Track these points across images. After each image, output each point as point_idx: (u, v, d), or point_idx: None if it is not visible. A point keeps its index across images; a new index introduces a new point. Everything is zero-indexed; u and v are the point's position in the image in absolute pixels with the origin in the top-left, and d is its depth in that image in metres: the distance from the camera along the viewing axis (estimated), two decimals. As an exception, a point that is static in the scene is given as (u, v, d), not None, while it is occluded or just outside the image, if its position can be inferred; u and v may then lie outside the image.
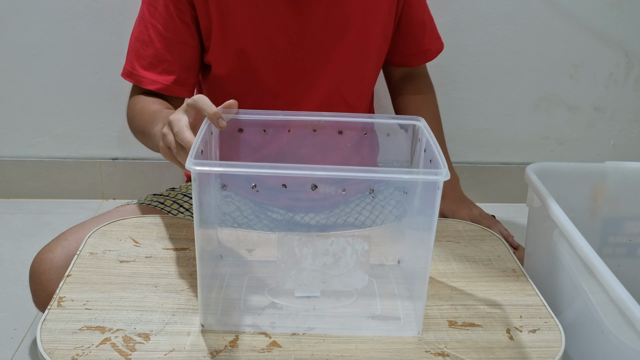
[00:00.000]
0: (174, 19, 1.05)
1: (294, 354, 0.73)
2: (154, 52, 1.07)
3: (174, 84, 1.07)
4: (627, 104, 1.75)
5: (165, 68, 1.07)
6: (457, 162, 1.77)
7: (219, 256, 0.90)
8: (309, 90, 1.11)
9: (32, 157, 1.71)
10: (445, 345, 0.75)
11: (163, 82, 1.07)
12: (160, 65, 1.07)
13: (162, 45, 1.06)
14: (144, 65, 1.07)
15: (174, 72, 1.07)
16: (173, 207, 1.09)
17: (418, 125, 0.83)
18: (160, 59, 1.07)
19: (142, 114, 1.02)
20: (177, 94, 1.09)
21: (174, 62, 1.07)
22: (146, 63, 1.07)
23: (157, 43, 1.06)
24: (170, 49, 1.07)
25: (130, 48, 1.10)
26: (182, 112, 0.78)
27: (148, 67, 1.07)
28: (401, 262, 0.90)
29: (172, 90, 1.08)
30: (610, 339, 0.77)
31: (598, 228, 1.08)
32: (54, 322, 0.76)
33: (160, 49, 1.06)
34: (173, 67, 1.07)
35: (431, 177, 0.68)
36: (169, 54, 1.07)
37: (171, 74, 1.07)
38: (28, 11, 1.55)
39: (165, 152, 0.80)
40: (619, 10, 1.63)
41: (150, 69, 1.07)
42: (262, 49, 1.08)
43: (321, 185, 0.76)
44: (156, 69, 1.07)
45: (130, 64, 1.09)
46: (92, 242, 0.93)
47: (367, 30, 1.11)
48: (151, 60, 1.07)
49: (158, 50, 1.06)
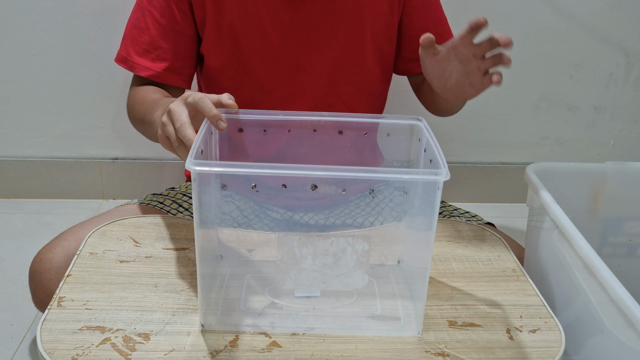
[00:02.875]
0: (171, 7, 1.05)
1: (294, 354, 0.73)
2: (149, 38, 1.07)
3: (165, 71, 1.07)
4: (627, 104, 1.75)
5: (159, 55, 1.07)
6: (457, 162, 1.77)
7: (219, 256, 0.90)
8: (302, 88, 1.11)
9: (32, 157, 1.71)
10: (445, 345, 0.75)
11: (155, 69, 1.07)
12: (154, 52, 1.07)
13: (157, 33, 1.06)
14: (138, 52, 1.07)
15: (166, 60, 1.07)
16: (173, 206, 1.08)
17: (418, 125, 0.83)
18: (155, 45, 1.07)
19: (142, 102, 1.02)
20: (170, 82, 1.08)
21: (168, 49, 1.07)
22: (141, 49, 1.07)
23: (153, 30, 1.06)
24: (165, 37, 1.06)
25: (126, 34, 1.09)
26: (182, 104, 0.77)
27: (142, 53, 1.07)
28: (401, 262, 0.90)
29: (164, 78, 1.07)
30: (610, 339, 0.77)
31: (598, 228, 1.08)
32: (54, 322, 0.76)
33: (156, 36, 1.06)
34: (166, 55, 1.07)
35: (431, 177, 0.68)
36: (164, 42, 1.06)
37: (164, 61, 1.07)
38: (28, 11, 1.55)
39: (163, 141, 0.80)
40: (619, 10, 1.63)
41: (144, 55, 1.07)
42: (255, 43, 1.08)
43: (321, 185, 0.76)
44: (149, 56, 1.07)
45: (125, 50, 1.09)
46: (92, 242, 0.93)
47: (363, 28, 1.10)
48: (146, 47, 1.07)
49: (153, 37, 1.06)
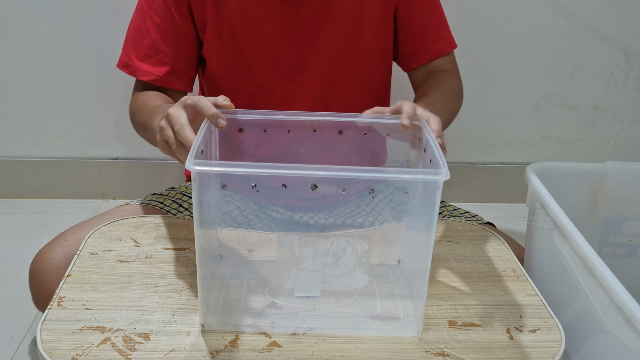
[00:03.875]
0: (171, 11, 1.05)
1: (294, 354, 0.73)
2: (150, 43, 1.07)
3: (167, 75, 1.07)
4: (627, 104, 1.75)
5: (160, 59, 1.07)
6: (457, 162, 1.77)
7: (219, 256, 0.90)
8: (303, 88, 1.11)
9: (32, 157, 1.71)
10: (445, 345, 0.75)
11: (156, 73, 1.07)
12: (156, 56, 1.07)
13: (158, 37, 1.06)
14: (139, 57, 1.07)
15: (167, 63, 1.07)
16: (173, 206, 1.08)
17: (418, 125, 0.83)
18: (156, 49, 1.07)
19: (143, 108, 1.02)
20: (173, 85, 1.08)
21: (169, 53, 1.07)
22: (142, 54, 1.07)
23: (154, 34, 1.06)
24: (166, 40, 1.06)
25: (128, 39, 1.09)
26: (181, 108, 0.77)
27: (144, 58, 1.07)
28: (401, 262, 0.90)
29: (166, 82, 1.08)
30: (610, 339, 0.77)
31: (598, 228, 1.08)
32: (54, 322, 0.75)
33: (157, 40, 1.06)
34: (167, 58, 1.07)
35: (431, 177, 0.68)
36: (164, 45, 1.06)
37: (165, 65, 1.07)
38: (28, 11, 1.55)
39: (162, 146, 0.80)
40: (619, 10, 1.63)
41: (145, 60, 1.07)
42: (255, 44, 1.08)
43: (321, 185, 0.76)
44: (150, 60, 1.07)
45: (126, 55, 1.09)
46: (92, 242, 0.93)
47: (362, 26, 1.10)
48: (147, 51, 1.07)
49: (154, 41, 1.06)
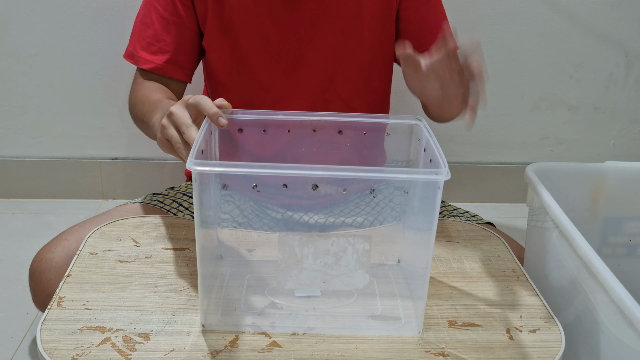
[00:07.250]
0: (175, 2, 1.07)
1: (294, 354, 0.73)
2: (152, 32, 1.08)
3: (167, 64, 1.09)
4: (627, 104, 1.75)
5: (161, 48, 1.09)
6: (457, 162, 1.77)
7: (219, 256, 0.90)
8: (301, 85, 1.11)
9: (32, 157, 1.71)
10: (446, 345, 0.75)
11: (156, 61, 1.08)
12: (157, 44, 1.09)
13: (160, 26, 1.08)
14: (143, 46, 1.09)
15: (168, 52, 1.09)
16: (173, 205, 1.09)
17: (418, 125, 0.83)
18: (158, 38, 1.08)
19: (143, 101, 1.03)
20: (171, 74, 1.10)
21: (170, 42, 1.08)
22: (145, 43, 1.09)
23: (157, 24, 1.08)
24: (168, 30, 1.08)
25: (134, 30, 1.12)
26: (183, 107, 0.78)
27: (146, 46, 1.09)
28: (401, 262, 0.90)
29: (165, 70, 1.09)
30: (610, 339, 0.77)
31: (598, 228, 1.07)
32: (54, 322, 0.75)
33: (159, 29, 1.08)
34: (168, 47, 1.09)
35: (431, 176, 0.68)
36: (166, 35, 1.08)
37: (165, 53, 1.08)
38: (28, 11, 1.55)
39: (163, 144, 0.80)
40: (619, 10, 1.63)
41: (147, 48, 1.09)
42: (253, 39, 1.09)
43: (322, 185, 0.76)
44: (151, 48, 1.09)
45: (132, 45, 1.11)
46: (92, 242, 0.92)
47: (361, 24, 1.10)
48: (149, 40, 1.09)
49: (157, 30, 1.08)
